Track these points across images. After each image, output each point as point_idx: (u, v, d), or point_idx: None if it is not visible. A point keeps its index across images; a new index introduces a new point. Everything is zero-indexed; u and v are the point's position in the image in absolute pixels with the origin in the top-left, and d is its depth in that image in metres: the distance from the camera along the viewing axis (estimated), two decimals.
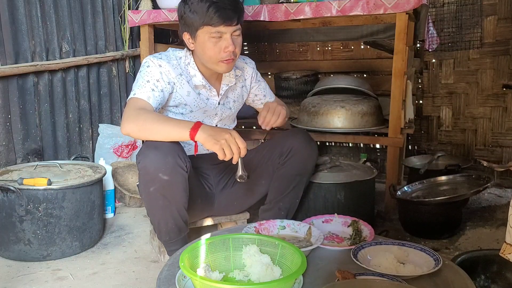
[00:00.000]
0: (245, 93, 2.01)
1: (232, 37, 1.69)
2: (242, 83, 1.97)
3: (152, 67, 1.72)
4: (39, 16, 2.42)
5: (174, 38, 3.42)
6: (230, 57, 1.71)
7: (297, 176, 1.86)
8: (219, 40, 1.68)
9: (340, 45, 3.37)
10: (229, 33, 1.67)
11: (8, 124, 2.35)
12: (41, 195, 1.87)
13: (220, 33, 1.66)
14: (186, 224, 1.75)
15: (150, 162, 1.58)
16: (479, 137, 3.16)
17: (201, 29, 1.67)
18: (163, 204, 1.65)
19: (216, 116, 1.91)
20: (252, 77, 2.00)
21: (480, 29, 3.04)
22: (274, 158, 1.87)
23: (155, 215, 1.71)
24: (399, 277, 1.19)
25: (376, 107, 2.59)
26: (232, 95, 1.95)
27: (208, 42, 1.68)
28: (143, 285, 1.73)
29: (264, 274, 1.20)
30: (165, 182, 1.59)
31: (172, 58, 1.79)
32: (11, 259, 1.94)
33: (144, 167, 1.60)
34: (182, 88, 1.78)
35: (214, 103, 1.87)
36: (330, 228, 1.64)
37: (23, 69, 2.34)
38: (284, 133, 1.92)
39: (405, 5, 2.22)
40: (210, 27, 1.65)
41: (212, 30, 1.65)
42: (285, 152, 1.83)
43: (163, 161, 1.57)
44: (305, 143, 1.84)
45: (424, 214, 2.13)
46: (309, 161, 1.88)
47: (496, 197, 2.70)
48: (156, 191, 1.61)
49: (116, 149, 2.85)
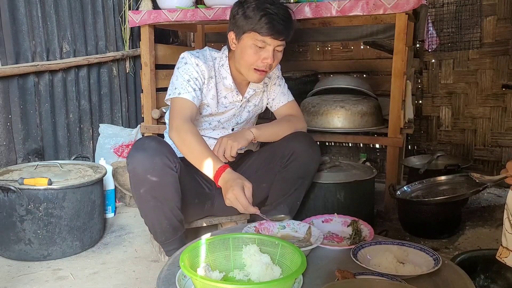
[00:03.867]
0: (265, 98, 2.00)
1: (274, 51, 1.71)
2: (265, 88, 1.98)
3: (189, 65, 1.75)
4: (40, 16, 2.43)
5: (174, 38, 3.42)
6: (265, 68, 1.72)
7: (299, 179, 1.84)
8: (261, 49, 1.69)
9: (340, 45, 3.38)
10: (273, 46, 1.68)
11: (9, 124, 2.36)
12: (41, 195, 1.87)
13: (264, 43, 1.67)
14: (181, 223, 1.76)
15: (138, 164, 1.59)
16: (479, 137, 3.16)
17: (248, 33, 1.68)
18: (154, 205, 1.66)
19: (233, 117, 1.92)
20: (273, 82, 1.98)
21: (479, 29, 3.04)
22: (275, 161, 1.85)
23: (148, 216, 1.72)
24: (399, 277, 1.20)
25: (375, 107, 2.59)
26: (254, 100, 1.96)
27: (250, 48, 1.69)
28: (144, 284, 1.73)
29: (264, 273, 1.20)
30: (155, 183, 1.60)
31: (208, 59, 1.81)
32: (12, 259, 1.94)
33: (133, 169, 1.61)
34: (209, 91, 1.81)
35: (236, 106, 1.89)
36: (330, 227, 1.64)
37: (23, 69, 2.35)
38: (286, 136, 1.87)
39: (405, 6, 2.23)
40: (258, 35, 1.66)
41: (258, 37, 1.66)
42: (287, 155, 1.80)
43: (151, 162, 1.58)
44: (307, 146, 1.81)
45: (424, 214, 2.13)
46: (311, 165, 1.85)
47: (495, 197, 2.71)
48: (147, 192, 1.63)
49: (116, 149, 2.86)
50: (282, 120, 1.95)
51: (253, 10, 1.65)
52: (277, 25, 1.64)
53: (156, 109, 2.86)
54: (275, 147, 1.87)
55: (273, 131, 1.87)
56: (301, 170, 1.82)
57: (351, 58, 3.36)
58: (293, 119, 1.94)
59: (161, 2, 2.75)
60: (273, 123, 1.93)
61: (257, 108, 2.00)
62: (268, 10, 1.64)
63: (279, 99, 1.99)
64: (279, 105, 1.99)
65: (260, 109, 2.02)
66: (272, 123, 1.93)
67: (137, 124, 3.08)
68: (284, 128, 1.88)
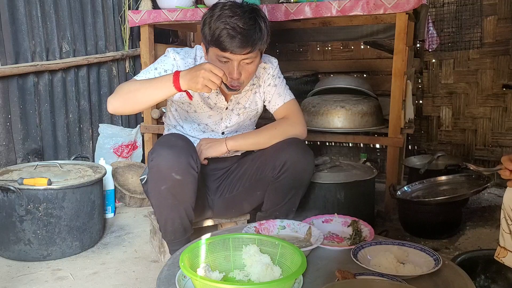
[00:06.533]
0: (259, 99, 1.89)
1: (241, 64, 1.61)
2: (257, 89, 1.87)
3: (167, 58, 1.74)
4: (39, 16, 2.43)
5: (174, 38, 3.42)
6: (234, 84, 1.62)
7: (292, 190, 1.76)
8: (226, 63, 1.60)
9: (340, 45, 3.37)
10: (237, 61, 1.59)
11: (8, 124, 2.35)
12: (41, 195, 1.87)
13: (226, 58, 1.59)
14: (191, 224, 1.75)
15: (163, 161, 1.57)
16: (479, 137, 3.16)
17: (211, 47, 1.62)
18: (172, 203, 1.64)
19: (221, 121, 1.86)
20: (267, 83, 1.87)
21: (480, 29, 3.04)
22: (267, 171, 1.77)
23: (163, 213, 1.70)
24: (399, 277, 1.19)
25: (376, 107, 2.59)
26: (244, 101, 1.86)
27: (216, 62, 1.60)
28: (143, 285, 1.73)
29: (264, 274, 1.20)
30: (177, 182, 1.59)
31: (190, 56, 1.77)
32: (11, 259, 1.94)
33: (157, 165, 1.58)
34: None
35: (221, 107, 1.83)
36: (330, 228, 1.63)
37: (23, 69, 2.34)
38: (278, 144, 1.76)
39: (405, 5, 2.22)
40: (218, 50, 1.58)
41: (219, 53, 1.58)
42: (278, 166, 1.71)
43: (176, 160, 1.56)
44: (299, 156, 1.71)
45: (424, 214, 2.13)
46: (304, 175, 1.76)
47: (496, 197, 2.71)
48: (167, 190, 1.61)
49: (116, 149, 2.85)
50: (266, 128, 1.83)
51: (215, 22, 1.56)
52: (235, 40, 1.53)
53: (156, 109, 2.86)
54: (266, 155, 1.78)
55: (253, 141, 1.81)
56: (293, 181, 1.74)
57: (351, 58, 3.36)
58: (284, 124, 1.83)
59: (161, 2, 2.75)
60: (254, 132, 1.87)
61: (250, 111, 1.88)
62: (227, 24, 1.54)
63: (274, 101, 1.88)
64: (275, 107, 1.88)
65: (254, 112, 1.90)
66: (253, 133, 1.87)
67: (136, 124, 3.07)
68: (268, 137, 1.79)
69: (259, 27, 1.59)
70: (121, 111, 1.65)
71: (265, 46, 1.65)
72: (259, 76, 1.86)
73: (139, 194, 2.62)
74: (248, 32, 1.55)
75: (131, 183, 2.68)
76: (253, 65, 1.65)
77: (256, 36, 1.57)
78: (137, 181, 2.68)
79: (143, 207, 2.63)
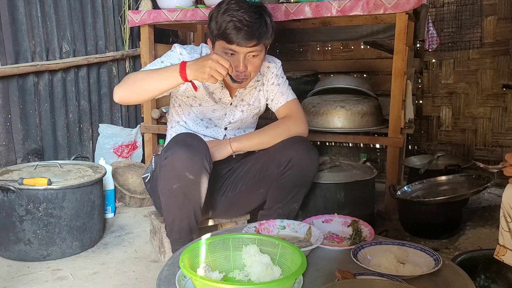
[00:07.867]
0: (263, 97, 1.91)
1: (247, 58, 1.64)
2: (261, 87, 1.90)
3: (173, 53, 1.75)
4: (39, 16, 2.43)
5: (174, 38, 3.42)
6: (240, 77, 1.65)
7: (296, 187, 1.78)
8: (232, 56, 1.63)
9: (340, 45, 3.37)
10: (243, 53, 1.62)
11: (8, 124, 2.35)
12: (41, 195, 1.87)
13: (232, 51, 1.62)
14: (197, 225, 1.75)
15: (179, 160, 1.57)
16: (479, 137, 3.16)
17: (217, 41, 1.65)
18: (182, 202, 1.64)
19: (225, 116, 1.87)
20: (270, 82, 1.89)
21: (480, 29, 3.04)
22: (272, 168, 1.78)
23: (172, 212, 1.69)
24: (399, 277, 1.19)
25: (376, 107, 2.59)
26: (248, 98, 1.88)
27: (222, 56, 1.59)
28: (143, 285, 1.73)
29: (264, 274, 1.20)
30: (190, 182, 1.59)
31: (196, 52, 1.78)
32: (11, 259, 1.94)
33: (171, 163, 1.58)
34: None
35: (226, 102, 1.85)
36: (330, 228, 1.64)
37: (23, 69, 2.34)
38: (283, 141, 1.78)
39: (405, 5, 2.22)
40: (225, 43, 1.61)
41: (225, 45, 1.62)
42: (283, 163, 1.73)
43: (192, 160, 1.57)
44: (305, 154, 1.73)
45: (424, 214, 2.13)
46: (308, 173, 1.77)
47: (496, 197, 2.71)
48: (179, 189, 1.61)
49: (116, 149, 2.85)
50: (269, 128, 1.84)
51: (221, 15, 1.60)
52: (242, 32, 1.57)
53: (156, 109, 2.86)
54: (271, 153, 1.80)
55: (258, 141, 1.82)
56: (298, 178, 1.76)
57: (351, 58, 3.35)
58: (287, 123, 1.85)
59: (161, 2, 2.75)
60: (257, 132, 1.87)
61: (253, 108, 1.91)
62: (233, 16, 1.58)
63: (277, 100, 1.90)
64: (277, 106, 1.90)
65: (257, 109, 1.94)
66: (257, 132, 1.88)
67: (136, 124, 3.07)
68: (272, 136, 1.81)
69: (265, 21, 1.64)
70: (127, 101, 1.66)
71: (270, 41, 1.69)
72: (263, 74, 1.88)
73: (139, 194, 2.62)
74: (254, 25, 1.59)
75: (131, 183, 2.68)
76: (258, 59, 1.68)
77: (262, 29, 1.62)
78: (137, 181, 2.68)
79: (143, 207, 2.63)
